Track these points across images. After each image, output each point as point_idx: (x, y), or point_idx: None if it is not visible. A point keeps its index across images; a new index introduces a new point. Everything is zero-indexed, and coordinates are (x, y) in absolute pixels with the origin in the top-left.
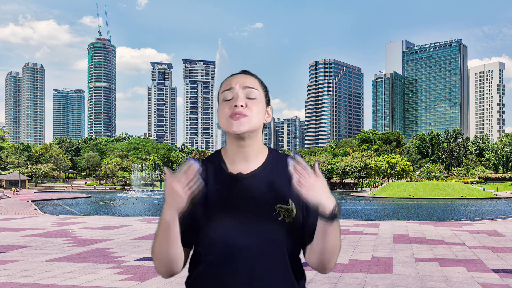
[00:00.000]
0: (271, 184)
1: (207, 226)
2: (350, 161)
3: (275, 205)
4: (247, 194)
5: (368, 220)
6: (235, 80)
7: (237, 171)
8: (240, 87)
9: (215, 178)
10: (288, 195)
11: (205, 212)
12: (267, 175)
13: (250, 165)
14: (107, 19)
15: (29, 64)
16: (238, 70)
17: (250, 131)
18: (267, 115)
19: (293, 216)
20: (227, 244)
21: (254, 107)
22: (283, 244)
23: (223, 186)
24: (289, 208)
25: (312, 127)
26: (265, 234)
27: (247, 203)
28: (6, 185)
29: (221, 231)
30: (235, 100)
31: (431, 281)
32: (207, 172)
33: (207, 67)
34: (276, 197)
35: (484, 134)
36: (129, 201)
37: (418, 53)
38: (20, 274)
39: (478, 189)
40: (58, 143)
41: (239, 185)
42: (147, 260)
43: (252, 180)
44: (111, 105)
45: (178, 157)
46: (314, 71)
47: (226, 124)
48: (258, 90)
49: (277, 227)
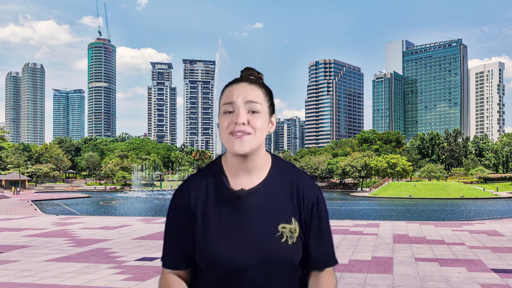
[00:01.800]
0: (274, 200)
1: (208, 245)
2: (350, 161)
3: (278, 223)
4: (249, 213)
5: (368, 220)
6: (237, 92)
7: (239, 186)
8: (242, 101)
9: (215, 195)
10: (291, 212)
11: (206, 230)
12: (270, 190)
13: (252, 179)
14: (107, 19)
15: (29, 64)
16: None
17: (252, 150)
18: (270, 124)
19: (296, 235)
20: (229, 263)
21: (257, 122)
22: (286, 264)
23: (224, 204)
24: (292, 228)
25: (312, 127)
26: (268, 254)
27: (249, 222)
28: (6, 185)
29: (223, 251)
30: (236, 116)
31: (431, 281)
32: (207, 187)
33: (207, 67)
34: (279, 214)
35: (484, 134)
36: (129, 201)
37: (418, 53)
38: (20, 274)
39: (478, 189)
40: (58, 143)
41: (241, 203)
42: (147, 260)
43: (255, 197)
44: (111, 105)
45: (178, 157)
46: (314, 71)
47: (227, 142)
48: (262, 104)
49: (280, 247)
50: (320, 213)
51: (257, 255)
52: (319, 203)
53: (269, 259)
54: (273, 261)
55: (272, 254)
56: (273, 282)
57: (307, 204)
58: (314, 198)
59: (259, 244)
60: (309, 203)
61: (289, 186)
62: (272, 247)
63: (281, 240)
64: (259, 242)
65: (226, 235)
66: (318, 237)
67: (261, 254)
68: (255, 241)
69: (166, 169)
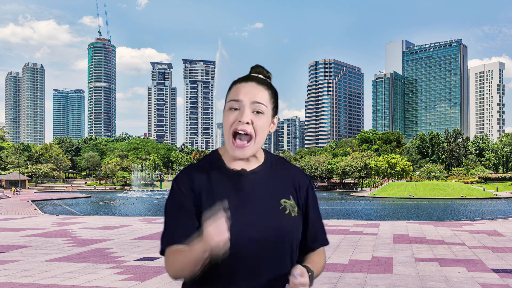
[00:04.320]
0: (273, 181)
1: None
2: (350, 161)
3: (280, 198)
4: (253, 188)
5: (368, 220)
6: (244, 91)
7: (239, 168)
8: (248, 101)
9: (218, 176)
10: (289, 191)
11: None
12: (268, 173)
13: (250, 164)
14: (107, 19)
15: (29, 64)
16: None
17: (253, 153)
18: (272, 125)
19: (297, 210)
20: (234, 236)
21: (260, 123)
22: (290, 236)
23: (228, 182)
24: (292, 204)
25: (312, 127)
26: (272, 226)
27: (253, 197)
28: (6, 185)
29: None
30: (241, 114)
31: (431, 281)
32: (209, 171)
33: (207, 67)
34: (279, 191)
35: (484, 134)
36: (129, 201)
37: (418, 53)
38: (20, 274)
39: (478, 189)
40: (58, 143)
41: (243, 180)
42: (147, 260)
43: (256, 176)
44: (111, 105)
45: (178, 157)
46: (314, 71)
47: (229, 145)
48: (267, 106)
49: (283, 219)
50: (314, 196)
51: (265, 227)
52: (312, 187)
53: (273, 231)
54: (276, 233)
55: (279, 225)
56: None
57: (302, 189)
58: (307, 183)
59: (266, 217)
60: (304, 188)
61: (284, 172)
62: (278, 218)
63: (285, 212)
64: (263, 215)
65: (233, 210)
66: (315, 217)
67: (269, 226)
68: (261, 213)
69: (166, 169)
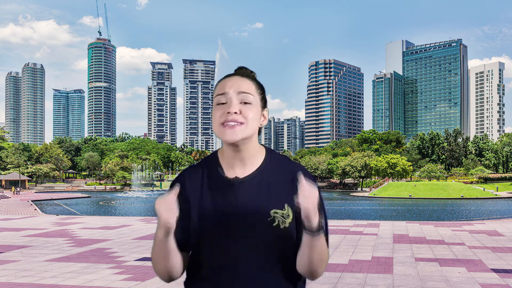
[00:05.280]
0: (268, 187)
1: (202, 232)
2: (350, 161)
3: (271, 210)
4: (242, 199)
5: (368, 220)
6: (229, 84)
7: (233, 175)
8: (234, 91)
9: (210, 183)
10: (285, 198)
11: (201, 217)
12: (263, 178)
13: (246, 168)
14: (107, 19)
15: (29, 64)
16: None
17: (244, 139)
18: (263, 118)
19: (289, 221)
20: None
21: (249, 113)
22: (279, 249)
23: (218, 192)
24: (284, 213)
25: (312, 127)
26: (260, 239)
27: (242, 209)
28: (6, 185)
29: (218, 237)
30: (228, 106)
31: (431, 281)
32: (202, 176)
33: (207, 67)
34: (272, 201)
35: (484, 134)
36: (129, 201)
37: (418, 53)
38: (20, 274)
39: (478, 189)
40: (58, 143)
41: (235, 190)
42: (147, 260)
43: (247, 184)
44: (111, 105)
45: (178, 157)
46: (314, 71)
47: (219, 131)
48: (254, 95)
49: (272, 232)
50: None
51: (249, 241)
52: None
53: (261, 244)
54: (265, 246)
55: (264, 239)
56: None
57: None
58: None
59: (252, 229)
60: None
61: (284, 173)
62: (265, 232)
63: (273, 224)
64: (251, 228)
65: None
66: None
67: (253, 239)
68: (249, 226)
69: (166, 169)
